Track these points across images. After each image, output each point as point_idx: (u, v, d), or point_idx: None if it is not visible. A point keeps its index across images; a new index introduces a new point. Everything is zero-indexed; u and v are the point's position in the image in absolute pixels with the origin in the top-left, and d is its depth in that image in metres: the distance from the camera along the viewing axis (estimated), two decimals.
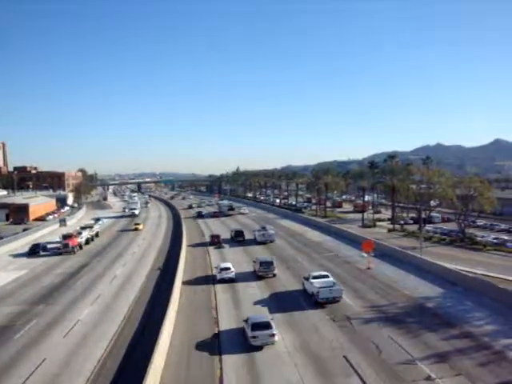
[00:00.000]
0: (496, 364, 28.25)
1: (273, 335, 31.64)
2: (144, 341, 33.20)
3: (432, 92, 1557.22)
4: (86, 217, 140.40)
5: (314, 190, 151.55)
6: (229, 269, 52.57)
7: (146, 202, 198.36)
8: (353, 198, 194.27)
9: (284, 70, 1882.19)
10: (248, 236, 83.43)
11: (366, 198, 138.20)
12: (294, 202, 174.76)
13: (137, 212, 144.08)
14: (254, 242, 79.79)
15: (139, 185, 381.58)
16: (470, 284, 45.93)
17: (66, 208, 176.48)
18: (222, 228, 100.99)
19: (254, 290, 47.81)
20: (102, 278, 56.39)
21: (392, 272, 54.65)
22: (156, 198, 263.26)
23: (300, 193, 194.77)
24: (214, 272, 55.37)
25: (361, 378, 26.67)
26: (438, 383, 25.82)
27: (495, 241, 78.30)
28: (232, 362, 29.64)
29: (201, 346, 32.63)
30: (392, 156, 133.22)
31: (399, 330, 34.30)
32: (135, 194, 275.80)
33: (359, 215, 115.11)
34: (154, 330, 32.28)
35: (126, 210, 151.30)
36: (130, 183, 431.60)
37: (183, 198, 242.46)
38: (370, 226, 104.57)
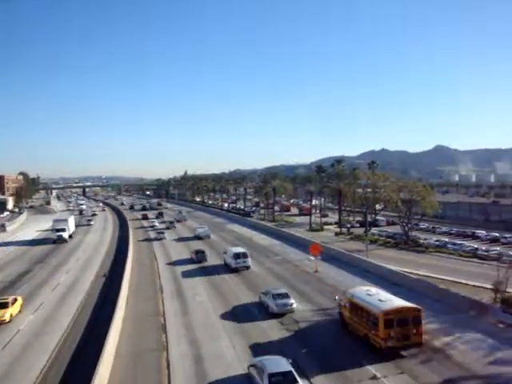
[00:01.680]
0: (437, 362, 29.05)
1: None
2: (88, 350, 31.95)
3: (377, 99, 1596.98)
4: (27, 222, 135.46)
5: (263, 194, 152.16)
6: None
7: (93, 215, 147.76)
8: (301, 202, 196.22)
9: (235, 74, 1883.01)
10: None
11: (314, 201, 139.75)
12: (242, 207, 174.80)
13: (65, 235, 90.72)
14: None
15: (84, 189, 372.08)
16: (413, 285, 47.07)
17: (6, 213, 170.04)
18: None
19: (202, 297, 47.15)
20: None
21: (339, 275, 55.31)
22: (108, 204, 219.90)
23: (248, 197, 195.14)
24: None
25: (309, 380, 26.70)
26: (382, 382, 26.28)
27: (437, 243, 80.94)
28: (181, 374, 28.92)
29: (148, 355, 31.76)
30: (339, 160, 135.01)
31: (346, 332, 34.60)
32: (82, 200, 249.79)
33: (307, 219, 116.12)
34: (99, 339, 31.15)
35: (52, 232, 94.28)
36: (75, 187, 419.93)
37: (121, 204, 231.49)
38: (317, 230, 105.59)
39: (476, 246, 77.49)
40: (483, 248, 75.14)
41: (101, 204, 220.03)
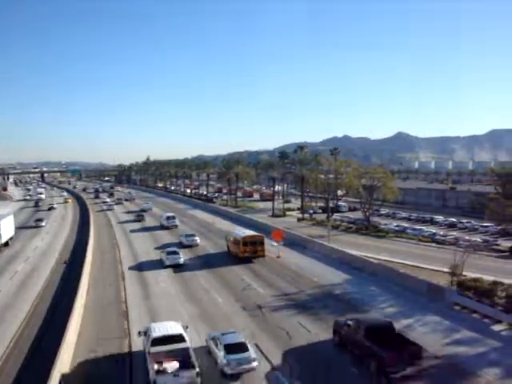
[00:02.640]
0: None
1: None
2: (49, 339, 31.23)
3: (340, 85, 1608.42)
4: None
5: (225, 180, 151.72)
6: None
7: (50, 209, 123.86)
8: (263, 188, 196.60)
9: (198, 61, 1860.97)
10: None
11: (277, 187, 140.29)
12: (205, 192, 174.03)
13: None
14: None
15: (42, 174, 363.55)
16: (374, 270, 47.86)
17: None
18: None
19: (165, 281, 46.83)
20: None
21: (301, 260, 55.72)
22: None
23: (211, 183, 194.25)
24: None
25: (271, 364, 26.89)
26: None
27: (397, 228, 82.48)
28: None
29: (109, 343, 31.31)
30: (301, 147, 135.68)
31: (308, 316, 34.95)
32: (42, 188, 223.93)
33: (270, 205, 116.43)
34: (59, 328, 30.40)
35: None
36: (33, 172, 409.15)
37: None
38: (280, 216, 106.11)
39: (434, 231, 79.29)
40: (441, 233, 77.05)
41: (65, 193, 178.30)
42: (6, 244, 67.89)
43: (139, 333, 28.93)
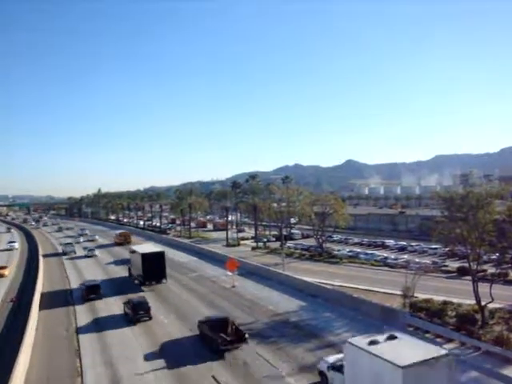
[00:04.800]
0: None
1: None
2: None
3: (290, 114, 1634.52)
4: None
5: (178, 211, 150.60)
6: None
7: None
8: (217, 217, 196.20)
9: (144, 83, 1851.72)
10: None
11: (230, 217, 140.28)
12: (158, 224, 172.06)
13: None
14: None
15: None
16: (329, 295, 48.38)
17: None
18: None
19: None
20: None
21: (256, 289, 55.69)
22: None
23: (164, 214, 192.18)
24: None
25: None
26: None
27: (350, 253, 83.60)
28: None
29: (60, 380, 30.27)
30: (253, 176, 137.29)
31: (265, 345, 34.88)
32: None
33: (223, 234, 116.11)
34: (7, 365, 29.22)
35: None
36: None
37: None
38: (234, 245, 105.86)
39: (386, 254, 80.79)
40: (392, 256, 78.49)
41: (12, 230, 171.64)
42: None
43: None
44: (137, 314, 42.77)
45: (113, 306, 50.00)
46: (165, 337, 38.16)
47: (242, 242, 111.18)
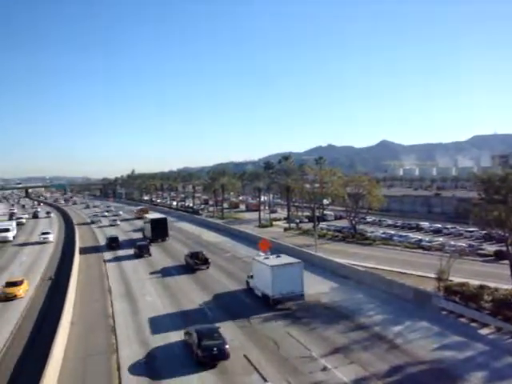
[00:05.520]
0: (386, 350, 29.75)
1: None
2: (35, 354, 30.87)
3: (324, 93, 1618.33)
4: None
5: (211, 192, 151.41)
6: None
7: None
8: (250, 198, 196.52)
9: (182, 69, 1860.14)
10: None
11: (262, 198, 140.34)
12: (191, 204, 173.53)
13: None
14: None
15: (27, 190, 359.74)
16: (361, 277, 47.95)
17: None
18: None
19: (152, 298, 46.54)
20: None
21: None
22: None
23: (197, 195, 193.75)
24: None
25: (261, 375, 26.81)
26: (333, 373, 26.70)
27: (383, 235, 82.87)
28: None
29: (97, 358, 30.97)
30: (286, 157, 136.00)
31: (296, 326, 34.88)
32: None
33: (256, 215, 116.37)
34: (46, 343, 30.08)
35: None
36: (17, 188, 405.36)
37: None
38: (266, 226, 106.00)
39: (420, 237, 79.87)
40: (427, 239, 77.52)
41: (52, 215, 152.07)
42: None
43: None
44: (141, 252, 67.82)
45: (128, 251, 71.67)
46: (159, 265, 61.43)
47: (274, 222, 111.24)
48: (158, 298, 45.12)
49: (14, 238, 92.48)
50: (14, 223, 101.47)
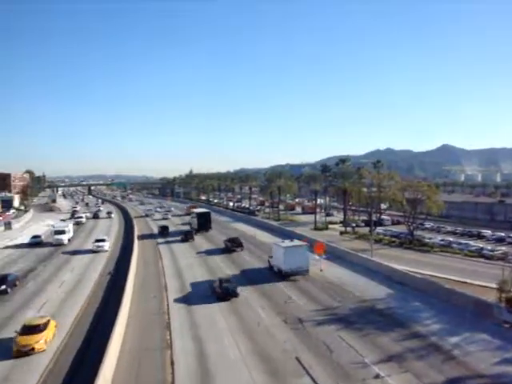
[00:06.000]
0: (442, 361, 28.98)
1: None
2: (94, 346, 32.14)
3: (382, 97, 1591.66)
4: (33, 219, 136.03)
5: (267, 193, 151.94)
6: None
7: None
8: (306, 201, 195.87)
9: (245, 74, 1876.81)
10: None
11: (319, 200, 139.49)
12: (247, 205, 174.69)
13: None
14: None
15: (90, 187, 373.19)
16: (418, 285, 46.86)
17: (12, 211, 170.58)
18: None
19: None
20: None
21: (343, 274, 55.10)
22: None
23: (253, 196, 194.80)
24: None
25: (312, 379, 26.75)
26: (386, 381, 26.33)
27: (442, 242, 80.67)
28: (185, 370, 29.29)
29: (152, 352, 31.80)
30: (343, 160, 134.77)
31: (350, 331, 34.56)
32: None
33: (312, 218, 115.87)
34: (104, 336, 31.37)
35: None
36: (81, 185, 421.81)
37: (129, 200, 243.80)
38: (322, 229, 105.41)
39: (481, 245, 77.19)
40: (489, 247, 74.85)
41: (113, 215, 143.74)
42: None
43: None
44: (186, 237, 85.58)
45: (176, 238, 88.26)
46: (201, 248, 77.55)
47: (330, 226, 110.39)
48: (198, 268, 61.16)
49: (69, 240, 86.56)
50: (70, 224, 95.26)
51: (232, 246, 72.72)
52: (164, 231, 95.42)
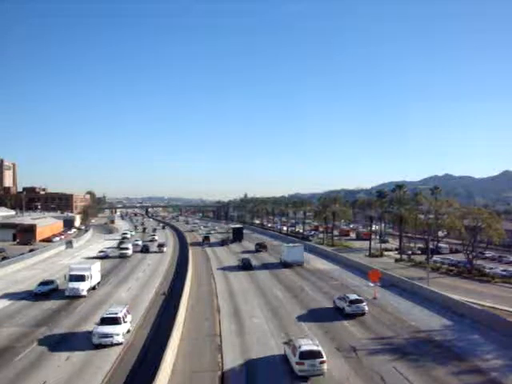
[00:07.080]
0: None
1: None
2: (146, 367, 32.63)
3: (440, 122, 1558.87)
4: (92, 239, 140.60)
5: (322, 219, 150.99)
6: None
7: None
8: (360, 227, 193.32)
9: (292, 95, 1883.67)
10: None
11: (374, 227, 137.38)
12: (301, 230, 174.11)
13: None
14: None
15: (147, 209, 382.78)
16: (477, 316, 45.12)
17: (73, 230, 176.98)
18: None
19: (259, 320, 47.34)
20: None
21: (399, 302, 53.84)
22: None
23: (307, 221, 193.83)
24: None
25: None
26: None
27: (504, 273, 77.31)
28: None
29: (203, 376, 32.02)
30: (400, 186, 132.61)
31: (405, 362, 33.60)
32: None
33: (366, 244, 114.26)
34: (156, 357, 31.81)
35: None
36: (138, 207, 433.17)
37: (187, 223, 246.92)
38: (377, 256, 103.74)
39: None
40: None
41: (164, 249, 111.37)
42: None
43: None
44: (224, 243, 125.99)
45: (217, 244, 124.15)
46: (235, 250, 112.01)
47: (385, 253, 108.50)
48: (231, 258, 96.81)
49: (93, 288, 60.58)
50: (96, 265, 64.27)
51: (258, 247, 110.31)
52: (206, 240, 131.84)
